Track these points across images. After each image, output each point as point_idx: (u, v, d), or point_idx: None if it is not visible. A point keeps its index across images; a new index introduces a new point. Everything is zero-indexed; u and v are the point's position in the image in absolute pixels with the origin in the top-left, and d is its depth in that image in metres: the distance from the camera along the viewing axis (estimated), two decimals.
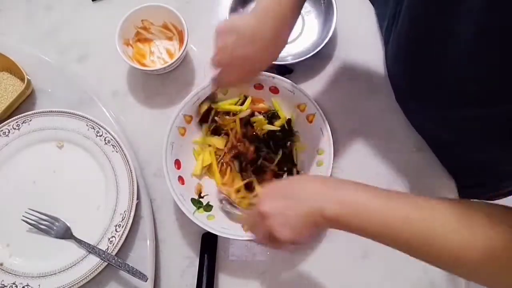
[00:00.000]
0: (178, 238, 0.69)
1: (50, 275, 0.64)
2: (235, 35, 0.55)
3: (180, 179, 0.66)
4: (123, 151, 0.68)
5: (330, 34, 0.73)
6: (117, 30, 0.72)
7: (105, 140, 0.69)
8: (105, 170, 0.68)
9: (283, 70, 0.74)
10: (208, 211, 0.66)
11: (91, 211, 0.67)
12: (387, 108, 0.74)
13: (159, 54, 0.77)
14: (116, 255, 0.63)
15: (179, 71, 0.77)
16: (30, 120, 0.71)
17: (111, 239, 0.64)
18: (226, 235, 0.62)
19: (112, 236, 0.64)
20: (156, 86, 0.77)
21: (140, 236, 0.67)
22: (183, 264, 0.68)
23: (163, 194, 0.70)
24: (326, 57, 0.77)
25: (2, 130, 0.70)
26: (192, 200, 0.66)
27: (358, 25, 0.79)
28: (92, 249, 0.64)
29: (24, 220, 0.66)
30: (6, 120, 0.71)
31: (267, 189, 0.53)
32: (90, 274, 0.62)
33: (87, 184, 0.69)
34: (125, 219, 0.65)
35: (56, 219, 0.67)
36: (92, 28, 0.81)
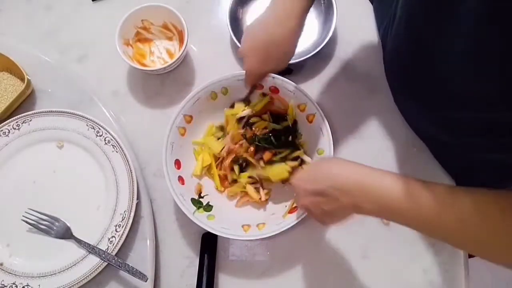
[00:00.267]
0: (178, 238, 0.69)
1: (50, 275, 0.64)
2: (256, 29, 0.61)
3: (180, 179, 0.66)
4: (123, 151, 0.68)
5: (330, 34, 0.73)
6: (117, 30, 0.72)
7: (105, 140, 0.69)
8: (105, 170, 0.68)
9: (283, 70, 0.74)
10: (208, 211, 0.66)
11: (91, 211, 0.67)
12: (386, 108, 0.74)
13: (159, 54, 0.77)
14: (116, 255, 0.63)
15: (179, 71, 0.77)
16: (30, 120, 0.71)
17: (111, 239, 0.64)
18: (226, 235, 0.62)
19: (112, 236, 0.64)
20: (156, 86, 0.77)
21: (140, 236, 0.67)
22: (183, 264, 0.68)
23: (163, 194, 0.70)
24: (326, 57, 0.77)
25: (2, 130, 0.70)
26: (192, 200, 0.66)
27: (358, 25, 0.80)
28: (92, 249, 0.64)
29: (24, 220, 0.66)
30: (6, 120, 0.71)
31: (297, 183, 0.57)
32: (90, 274, 0.63)
33: (87, 184, 0.69)
34: (125, 219, 0.65)
35: (56, 219, 0.67)
36: (92, 28, 0.81)
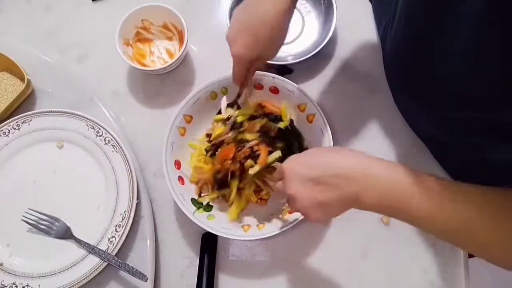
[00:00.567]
0: (178, 238, 0.69)
1: (50, 275, 0.64)
2: (244, 9, 0.57)
3: (180, 179, 0.66)
4: (123, 151, 0.68)
5: (330, 34, 0.73)
6: (117, 30, 0.72)
7: (105, 140, 0.69)
8: (105, 170, 0.68)
9: (283, 70, 0.74)
10: (208, 211, 0.66)
11: (91, 211, 0.67)
12: (387, 108, 0.74)
13: (159, 54, 0.77)
14: (116, 255, 0.63)
15: (179, 71, 0.77)
16: (30, 120, 0.71)
17: (111, 239, 0.64)
18: (226, 235, 0.62)
19: (112, 236, 0.64)
20: (156, 86, 0.77)
21: (140, 236, 0.67)
22: (183, 264, 0.68)
23: (163, 194, 0.70)
24: (326, 57, 0.77)
25: (2, 130, 0.70)
26: (192, 200, 0.66)
27: (358, 25, 0.80)
28: (92, 249, 0.64)
29: (24, 220, 0.66)
30: (6, 120, 0.71)
31: (290, 166, 0.51)
32: (90, 274, 0.63)
33: (87, 184, 0.69)
34: (125, 219, 0.65)
35: (56, 219, 0.67)
36: (92, 28, 0.81)
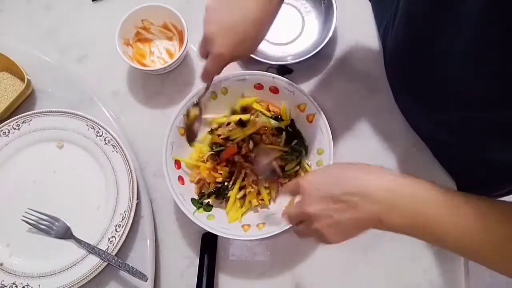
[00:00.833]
0: (178, 238, 0.69)
1: (50, 275, 0.64)
2: (223, 6, 0.52)
3: (180, 179, 0.66)
4: (123, 151, 0.68)
5: (330, 34, 0.73)
6: (117, 30, 0.72)
7: (105, 140, 0.69)
8: (105, 170, 0.68)
9: (283, 70, 0.74)
10: (208, 211, 0.66)
11: (91, 211, 0.67)
12: (387, 108, 0.74)
13: (159, 54, 0.77)
14: (116, 255, 0.63)
15: (179, 71, 0.77)
16: (30, 120, 0.71)
17: (111, 239, 0.64)
18: (226, 235, 0.62)
19: (112, 236, 0.64)
20: (156, 86, 0.77)
21: (140, 236, 0.67)
22: (183, 264, 0.68)
23: (163, 194, 0.70)
24: (326, 57, 0.77)
25: (2, 130, 0.70)
26: (192, 200, 0.66)
27: (358, 25, 0.79)
28: (92, 249, 0.64)
29: (24, 220, 0.66)
30: (6, 120, 0.71)
31: (308, 181, 0.48)
32: (90, 274, 0.63)
33: (87, 184, 0.69)
34: (125, 219, 0.65)
35: (56, 219, 0.67)
36: (92, 28, 0.81)
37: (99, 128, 0.70)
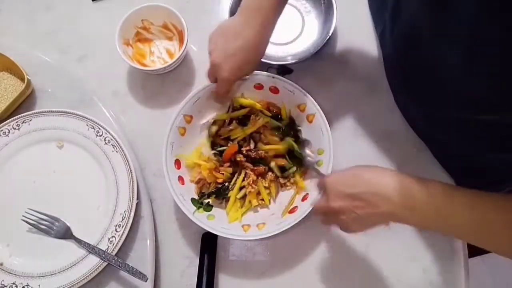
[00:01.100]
0: (178, 238, 0.69)
1: (50, 275, 0.64)
2: (223, 36, 0.60)
3: (180, 179, 0.66)
4: (123, 151, 0.68)
5: (330, 34, 0.73)
6: (117, 30, 0.72)
7: (105, 140, 0.69)
8: (105, 170, 0.68)
9: (283, 70, 0.74)
10: (208, 211, 0.66)
11: (91, 211, 0.67)
12: (387, 108, 0.74)
13: (159, 54, 0.77)
14: (116, 255, 0.63)
15: (179, 71, 0.77)
16: (30, 120, 0.71)
17: (111, 239, 0.64)
18: (226, 235, 0.62)
19: (112, 236, 0.64)
20: (156, 86, 0.77)
21: (140, 236, 0.67)
22: (183, 264, 0.68)
23: (163, 194, 0.70)
24: (326, 57, 0.77)
25: (2, 130, 0.70)
26: (192, 200, 0.66)
27: (358, 25, 0.80)
28: (92, 249, 0.64)
29: (24, 220, 0.66)
30: (6, 120, 0.71)
31: (333, 181, 0.56)
32: (90, 274, 0.63)
33: (87, 184, 0.69)
34: (125, 219, 0.65)
35: (56, 219, 0.67)
36: (92, 28, 0.81)
37: (99, 128, 0.70)
